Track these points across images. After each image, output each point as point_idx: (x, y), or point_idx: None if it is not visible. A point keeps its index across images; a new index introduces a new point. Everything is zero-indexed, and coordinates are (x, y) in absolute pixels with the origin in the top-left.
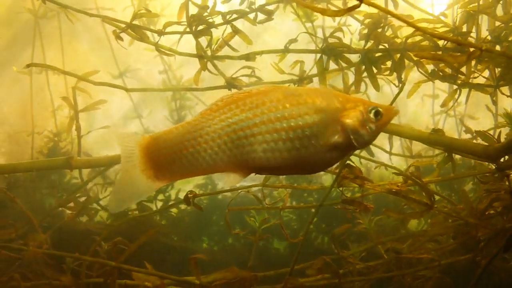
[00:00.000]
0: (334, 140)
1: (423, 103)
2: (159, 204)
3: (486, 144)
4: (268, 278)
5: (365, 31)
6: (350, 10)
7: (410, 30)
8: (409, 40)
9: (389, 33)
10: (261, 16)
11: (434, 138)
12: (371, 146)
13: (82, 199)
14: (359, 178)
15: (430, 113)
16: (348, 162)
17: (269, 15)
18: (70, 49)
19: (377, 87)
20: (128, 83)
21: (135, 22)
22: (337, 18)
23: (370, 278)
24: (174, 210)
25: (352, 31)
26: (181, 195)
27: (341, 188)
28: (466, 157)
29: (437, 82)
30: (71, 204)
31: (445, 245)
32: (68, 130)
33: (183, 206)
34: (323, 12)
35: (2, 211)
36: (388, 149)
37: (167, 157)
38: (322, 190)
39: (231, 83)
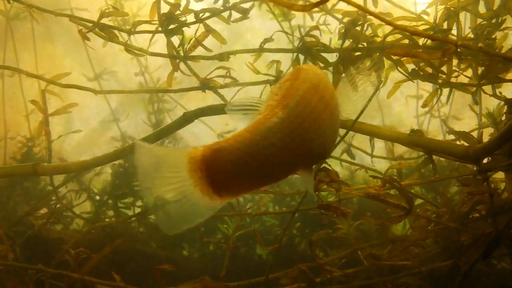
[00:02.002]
0: None
1: (407, 104)
2: (137, 210)
3: (467, 145)
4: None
5: (343, 30)
6: (317, 5)
7: (390, 28)
8: (388, 39)
9: (368, 32)
10: (236, 16)
11: (413, 140)
12: (352, 148)
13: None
14: (335, 181)
15: (414, 114)
16: (324, 165)
17: (244, 13)
18: (45, 52)
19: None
20: (106, 85)
21: (109, 22)
22: (316, 18)
23: (350, 286)
24: (152, 216)
25: (331, 30)
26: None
27: (316, 193)
28: (448, 159)
29: (422, 82)
30: (43, 212)
31: (428, 250)
32: (39, 135)
33: None
34: (290, 7)
35: None
36: (370, 151)
37: (233, 170)
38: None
39: (205, 84)
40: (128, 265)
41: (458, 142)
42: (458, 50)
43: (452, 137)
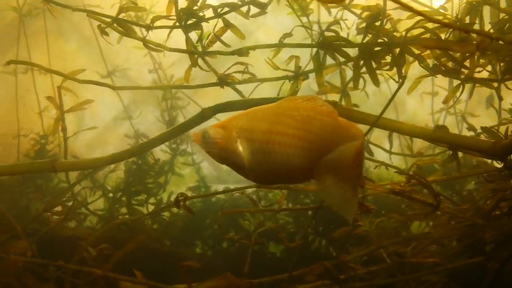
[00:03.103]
0: None
1: (422, 101)
2: (151, 208)
3: (493, 141)
4: (265, 285)
5: (361, 25)
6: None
7: (410, 23)
8: (410, 33)
9: (387, 26)
10: (254, 10)
11: (438, 135)
12: (370, 145)
13: (70, 203)
14: None
15: (429, 111)
16: None
17: (263, 8)
18: (57, 49)
19: (376, 82)
20: (117, 83)
21: (123, 17)
22: (333, 13)
23: (372, 283)
24: (166, 213)
25: (348, 25)
26: (174, 198)
27: None
28: (471, 155)
29: (436, 79)
30: (58, 210)
31: (449, 248)
32: (54, 131)
33: (175, 210)
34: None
35: None
36: (386, 148)
37: None
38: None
39: (223, 80)
40: (143, 263)
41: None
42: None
43: (471, 133)
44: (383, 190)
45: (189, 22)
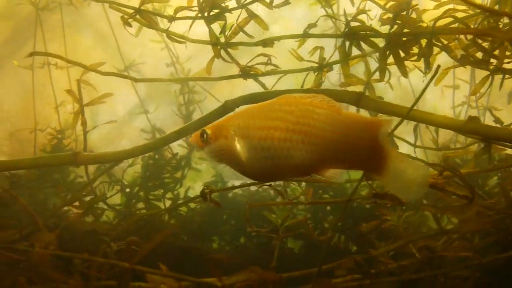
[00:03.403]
0: None
1: (442, 94)
2: (167, 203)
3: None
4: (293, 279)
5: (385, 15)
6: None
7: (435, 14)
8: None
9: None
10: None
11: (471, 127)
12: (394, 138)
13: (88, 197)
14: None
15: (450, 105)
16: None
17: None
18: (72, 43)
19: (405, 73)
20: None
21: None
22: (356, 4)
23: (402, 278)
24: (183, 209)
25: (370, 16)
26: (190, 193)
27: (369, 182)
28: (503, 147)
29: (457, 72)
30: (76, 203)
31: (478, 242)
32: (74, 125)
33: (192, 205)
34: None
35: (3, 211)
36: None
37: None
38: (338, 187)
39: (246, 72)
40: (163, 258)
41: None
42: None
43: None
44: None
45: (212, 13)
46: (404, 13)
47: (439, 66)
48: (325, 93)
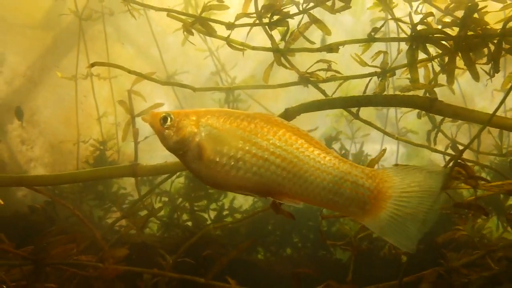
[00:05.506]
0: None
1: (492, 98)
2: (212, 214)
3: None
4: None
5: (446, 18)
6: None
7: (498, 16)
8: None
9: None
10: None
11: None
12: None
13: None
14: (473, 178)
15: (501, 109)
16: (459, 160)
17: (347, 2)
18: (114, 53)
19: (476, 76)
20: (176, 87)
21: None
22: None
23: None
24: (228, 219)
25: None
26: (236, 203)
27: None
28: None
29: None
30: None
31: None
32: (125, 136)
33: (239, 215)
34: None
35: (51, 226)
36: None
37: None
38: None
39: (306, 79)
40: (212, 269)
41: None
42: None
43: None
44: (498, 191)
45: (273, 19)
46: (475, 15)
47: (498, 70)
48: (396, 99)
